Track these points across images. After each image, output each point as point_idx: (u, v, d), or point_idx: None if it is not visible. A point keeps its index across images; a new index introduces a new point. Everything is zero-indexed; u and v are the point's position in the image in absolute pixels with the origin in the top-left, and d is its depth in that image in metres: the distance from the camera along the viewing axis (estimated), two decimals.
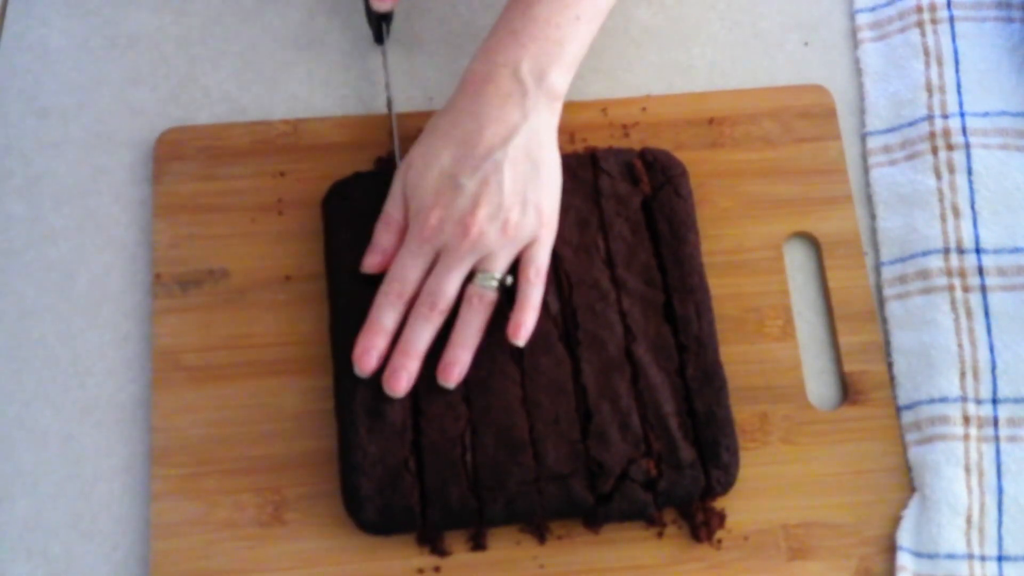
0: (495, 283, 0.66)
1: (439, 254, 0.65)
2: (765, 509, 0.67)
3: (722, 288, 0.71)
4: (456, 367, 0.65)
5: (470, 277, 0.66)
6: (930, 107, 0.75)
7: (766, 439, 0.68)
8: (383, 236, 0.67)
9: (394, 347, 0.65)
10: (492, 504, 0.64)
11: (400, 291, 0.65)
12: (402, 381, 0.64)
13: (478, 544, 0.65)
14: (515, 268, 0.67)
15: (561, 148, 0.73)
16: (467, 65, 0.68)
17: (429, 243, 0.65)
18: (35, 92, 0.76)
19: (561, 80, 0.67)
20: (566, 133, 0.74)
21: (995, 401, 0.68)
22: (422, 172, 0.66)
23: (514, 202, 0.65)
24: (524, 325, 0.65)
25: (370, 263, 0.67)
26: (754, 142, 0.75)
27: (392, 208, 0.68)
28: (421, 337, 0.65)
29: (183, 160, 0.73)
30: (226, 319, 0.70)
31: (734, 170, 0.74)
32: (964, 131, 0.74)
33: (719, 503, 0.66)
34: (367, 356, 0.65)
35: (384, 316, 0.65)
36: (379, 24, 0.73)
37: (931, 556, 0.65)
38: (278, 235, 0.72)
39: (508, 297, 0.67)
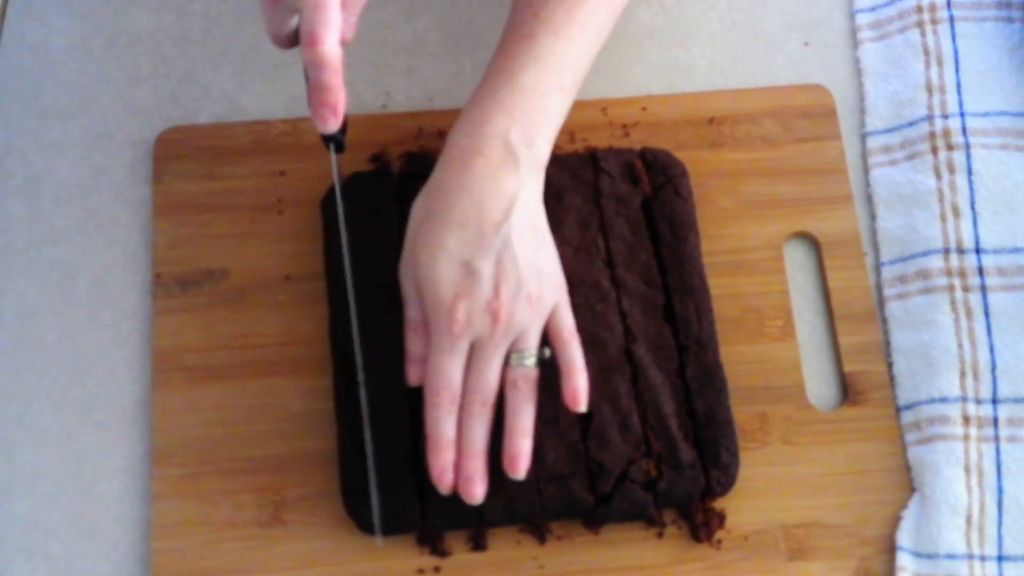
0: (534, 360, 0.64)
1: (473, 345, 0.63)
2: (765, 509, 0.67)
3: (722, 288, 0.71)
4: (521, 458, 0.63)
5: (506, 359, 0.64)
6: (930, 107, 0.75)
7: (766, 439, 0.68)
8: (416, 344, 0.65)
9: (458, 452, 0.63)
10: (492, 504, 0.64)
11: (452, 397, 0.63)
12: (478, 486, 0.62)
13: (478, 544, 0.65)
14: (544, 340, 0.65)
15: (561, 148, 0.74)
16: (449, 137, 0.65)
17: (461, 338, 0.62)
18: (35, 92, 0.76)
19: (546, 149, 0.66)
20: (566, 133, 0.74)
21: (995, 401, 0.68)
22: (430, 265, 0.63)
23: (530, 274, 0.63)
24: (581, 388, 0.64)
25: (414, 375, 0.65)
26: (754, 142, 0.75)
27: (412, 312, 0.65)
28: (480, 435, 0.63)
29: (183, 160, 0.73)
30: (226, 319, 0.70)
31: (734, 170, 0.74)
32: (964, 131, 0.74)
33: (719, 503, 0.66)
34: (446, 475, 0.62)
35: (445, 428, 0.63)
36: (328, 143, 0.65)
37: (931, 556, 0.65)
38: (278, 235, 0.72)
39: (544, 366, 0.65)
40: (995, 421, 0.68)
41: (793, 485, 0.67)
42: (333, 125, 0.61)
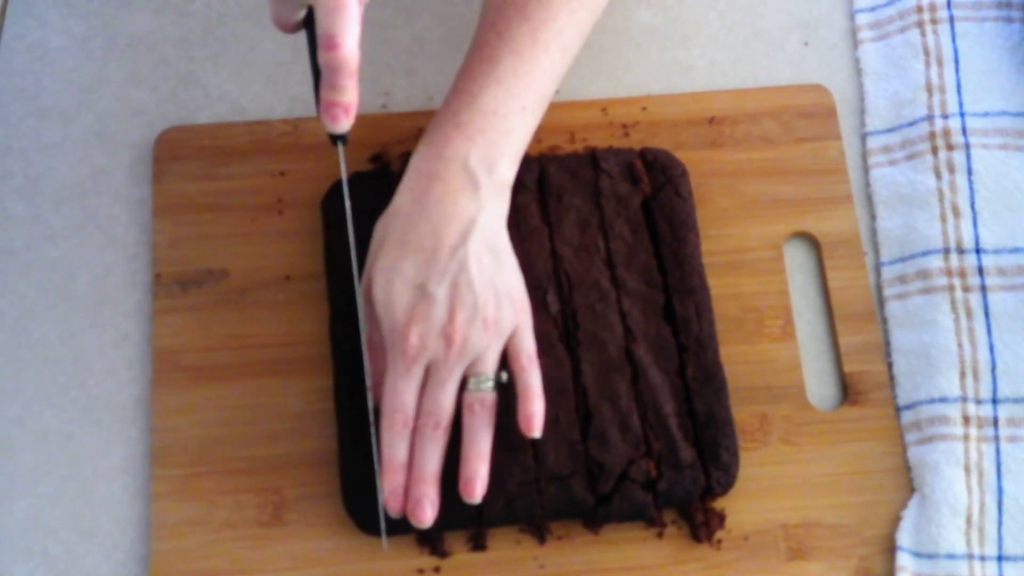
0: (491, 384, 0.63)
1: (428, 368, 0.63)
2: (765, 509, 0.67)
3: (722, 288, 0.71)
4: (477, 481, 0.62)
5: (464, 382, 0.64)
6: (930, 107, 0.75)
7: (766, 439, 0.68)
8: (378, 364, 0.65)
9: (409, 475, 0.63)
10: (492, 504, 0.64)
11: (404, 420, 0.63)
12: (427, 511, 0.62)
13: (478, 544, 0.65)
14: (504, 363, 0.65)
15: (561, 148, 0.74)
16: (411, 160, 0.65)
17: (416, 362, 0.62)
18: (35, 92, 0.76)
19: (509, 171, 0.65)
20: (566, 133, 0.74)
21: (995, 401, 0.68)
22: (386, 288, 0.63)
23: (488, 297, 0.63)
24: (535, 415, 0.63)
25: (378, 395, 0.64)
26: (754, 142, 0.75)
27: (372, 331, 0.65)
28: (432, 459, 0.63)
29: (183, 160, 0.73)
30: (226, 319, 0.70)
31: (734, 170, 0.74)
32: (964, 131, 0.74)
33: (719, 503, 0.66)
34: (395, 498, 0.63)
35: (397, 451, 0.63)
36: (335, 140, 0.63)
37: (931, 556, 0.65)
38: (278, 235, 0.72)
39: (504, 390, 0.65)
40: (995, 421, 0.68)
41: (793, 485, 0.67)
42: (345, 126, 0.61)
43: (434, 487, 0.63)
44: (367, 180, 0.71)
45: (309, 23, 0.60)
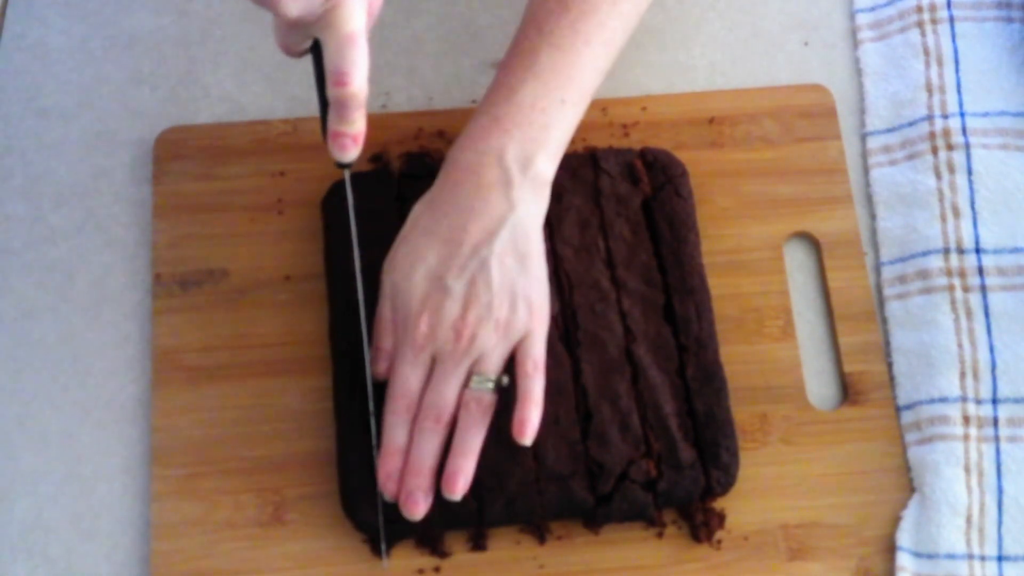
0: (491, 385, 0.63)
1: (434, 359, 0.63)
2: (765, 509, 0.67)
3: (722, 288, 0.71)
4: (460, 476, 0.62)
5: (467, 380, 0.64)
6: (930, 107, 0.75)
7: (766, 439, 0.68)
8: (385, 339, 0.65)
9: (405, 465, 0.63)
10: (492, 504, 0.64)
11: (408, 405, 0.63)
12: (420, 504, 0.63)
13: (478, 544, 0.65)
14: (510, 365, 0.64)
15: None
16: (448, 153, 0.66)
17: (423, 350, 0.63)
18: (35, 92, 0.76)
19: (548, 166, 0.65)
20: None
21: (995, 401, 0.68)
22: (407, 274, 0.64)
23: (503, 299, 0.63)
24: (529, 422, 0.63)
25: (379, 370, 0.65)
26: (754, 142, 0.75)
27: (385, 309, 0.65)
28: (429, 452, 0.63)
29: (183, 160, 0.73)
30: (226, 319, 0.70)
31: (734, 170, 0.74)
32: (964, 131, 0.74)
33: (719, 503, 0.66)
34: (391, 482, 0.63)
35: (397, 435, 0.63)
36: (341, 167, 0.63)
37: (931, 556, 0.65)
38: (278, 235, 0.72)
39: (505, 392, 0.65)
40: (995, 421, 0.68)
41: (793, 485, 0.67)
42: (352, 155, 0.61)
43: (428, 480, 0.63)
44: (367, 180, 0.71)
45: (316, 51, 0.59)
